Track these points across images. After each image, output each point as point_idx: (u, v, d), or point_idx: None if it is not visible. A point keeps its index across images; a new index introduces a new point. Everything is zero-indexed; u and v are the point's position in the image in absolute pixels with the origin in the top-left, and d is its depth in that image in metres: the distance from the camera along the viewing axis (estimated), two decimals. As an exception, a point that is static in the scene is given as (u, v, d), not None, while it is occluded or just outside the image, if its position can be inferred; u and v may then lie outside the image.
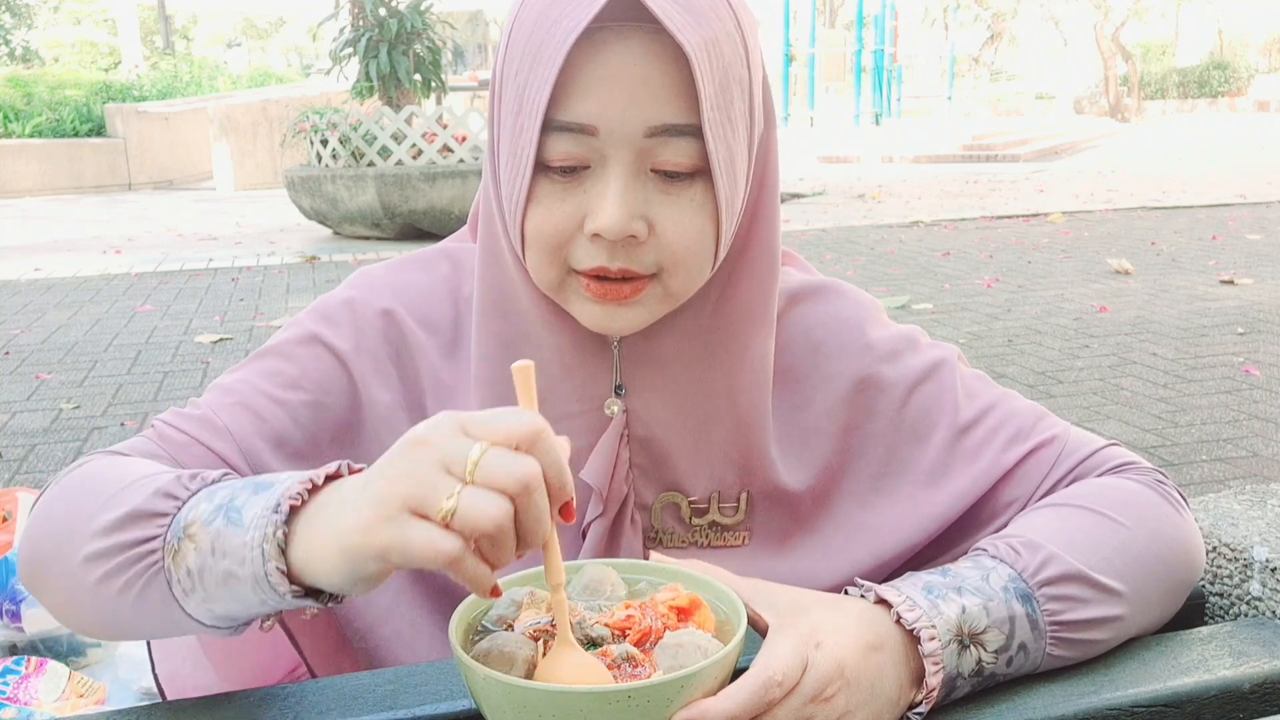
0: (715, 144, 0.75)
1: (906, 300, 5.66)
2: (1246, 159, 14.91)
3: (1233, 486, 1.55)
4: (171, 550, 0.68)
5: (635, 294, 0.79)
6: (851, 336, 0.92)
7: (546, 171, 0.77)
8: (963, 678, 0.73)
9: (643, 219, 0.76)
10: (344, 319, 0.90)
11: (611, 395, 0.87)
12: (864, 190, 11.90)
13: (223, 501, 0.67)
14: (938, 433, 0.90)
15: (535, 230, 0.78)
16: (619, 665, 0.64)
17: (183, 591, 0.69)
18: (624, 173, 0.75)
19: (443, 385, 0.90)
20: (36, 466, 3.45)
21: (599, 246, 0.77)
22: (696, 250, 0.78)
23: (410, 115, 8.41)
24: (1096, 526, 0.81)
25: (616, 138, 0.75)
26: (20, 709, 1.47)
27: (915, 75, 31.60)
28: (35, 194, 14.32)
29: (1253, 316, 5.10)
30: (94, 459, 0.80)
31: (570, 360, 0.86)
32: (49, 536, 0.75)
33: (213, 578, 0.66)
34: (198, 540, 0.67)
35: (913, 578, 0.76)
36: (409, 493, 0.58)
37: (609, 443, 0.86)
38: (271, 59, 38.21)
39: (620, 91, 0.73)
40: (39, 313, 6.04)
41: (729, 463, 0.89)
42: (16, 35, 30.11)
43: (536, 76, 0.74)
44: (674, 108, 0.74)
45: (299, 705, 0.74)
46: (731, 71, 0.75)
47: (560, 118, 0.75)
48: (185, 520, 0.68)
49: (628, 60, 0.73)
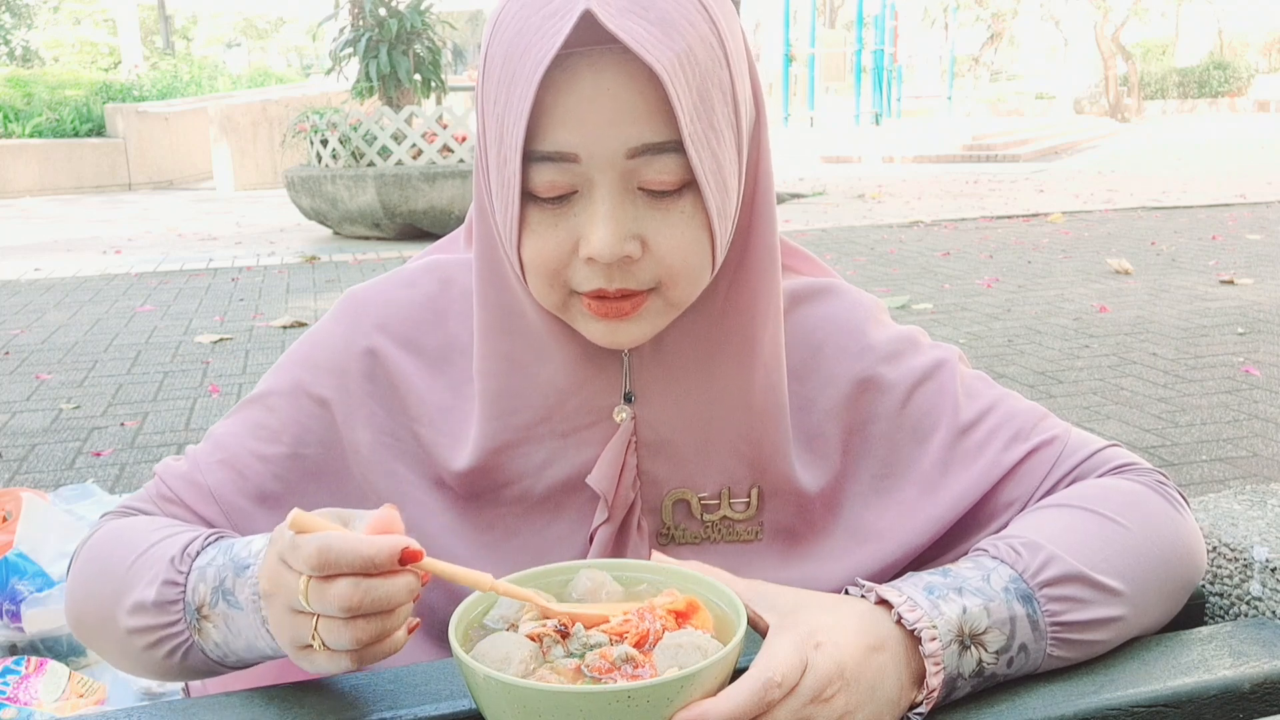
0: (700, 158, 0.74)
1: (906, 300, 5.66)
2: (1246, 159, 14.91)
3: (1233, 486, 1.55)
4: (195, 629, 0.79)
5: (636, 309, 0.79)
6: (852, 337, 0.92)
7: (535, 200, 0.77)
8: (963, 678, 0.73)
9: (635, 238, 0.76)
10: (325, 363, 0.91)
11: (621, 403, 0.87)
12: (864, 190, 11.90)
13: (215, 585, 0.77)
14: (938, 433, 0.90)
15: (532, 258, 0.78)
16: (619, 666, 0.64)
17: (219, 655, 0.80)
18: (610, 195, 0.75)
19: (437, 405, 0.90)
20: (36, 466, 3.45)
21: (595, 269, 0.77)
22: (693, 261, 0.78)
23: (410, 115, 8.41)
24: (1097, 527, 0.81)
25: (598, 162, 0.74)
26: (20, 709, 1.47)
27: (915, 75, 31.63)
28: (35, 194, 14.32)
29: (1253, 316, 5.10)
30: (108, 524, 0.90)
31: (580, 374, 0.86)
32: (89, 610, 0.87)
33: (239, 645, 0.77)
34: (213, 620, 0.77)
35: (914, 578, 0.76)
36: (290, 639, 0.70)
37: (615, 450, 0.87)
38: (271, 59, 38.23)
39: (597, 116, 0.73)
40: (39, 313, 6.04)
41: (740, 459, 0.89)
42: (16, 35, 30.11)
43: (512, 109, 0.74)
44: (652, 127, 0.73)
45: (299, 705, 0.74)
46: (711, 77, 0.74)
47: (541, 148, 0.74)
48: (194, 604, 0.78)
49: (601, 84, 0.72)
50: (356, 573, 0.65)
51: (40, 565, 1.78)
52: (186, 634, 0.79)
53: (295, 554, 0.66)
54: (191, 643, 0.79)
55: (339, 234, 9.00)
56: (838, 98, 22.89)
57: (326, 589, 0.65)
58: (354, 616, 0.66)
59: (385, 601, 0.66)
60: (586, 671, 0.65)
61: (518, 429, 0.87)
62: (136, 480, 3.30)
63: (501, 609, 0.71)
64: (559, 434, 0.87)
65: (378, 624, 0.67)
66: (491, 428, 0.87)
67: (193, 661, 0.81)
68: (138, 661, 0.84)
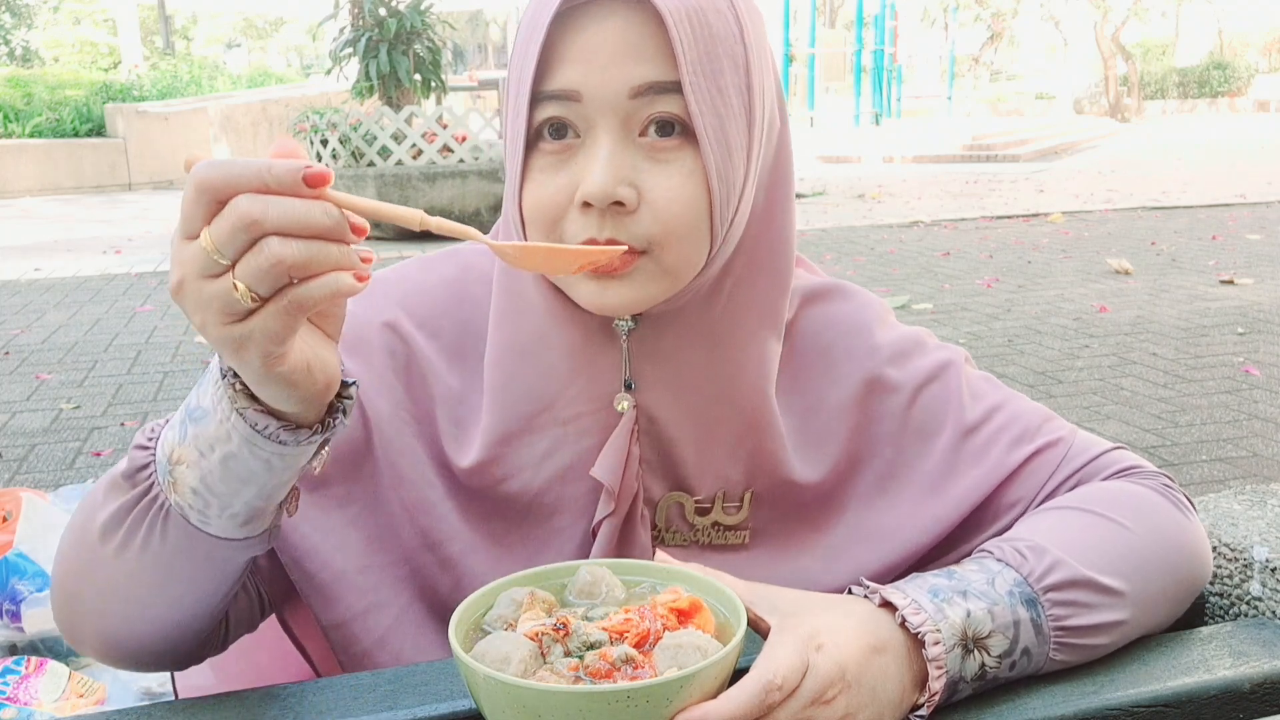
0: (699, 106, 0.75)
1: (906, 300, 5.66)
2: (1246, 159, 14.91)
3: (1233, 486, 1.55)
4: (170, 485, 0.71)
5: (625, 265, 0.77)
6: (859, 339, 0.92)
7: (539, 147, 0.78)
8: (965, 681, 0.72)
9: (631, 185, 0.76)
10: (344, 336, 0.88)
11: (621, 391, 0.86)
12: (864, 190, 11.90)
13: (182, 417, 0.70)
14: (943, 434, 0.90)
15: (531, 206, 0.78)
16: (619, 667, 0.64)
17: (199, 515, 0.71)
18: (610, 139, 0.76)
19: (451, 391, 0.89)
20: (36, 466, 3.45)
21: (589, 217, 0.76)
22: (688, 219, 0.77)
23: (410, 115, 8.41)
24: (1103, 531, 0.81)
25: (600, 102, 0.75)
26: (20, 709, 1.48)
27: (915, 75, 31.61)
28: (35, 194, 14.32)
29: (1253, 316, 5.10)
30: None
31: (579, 359, 0.85)
32: (67, 549, 0.79)
33: (215, 476, 0.69)
34: (185, 458, 0.69)
35: (918, 579, 0.76)
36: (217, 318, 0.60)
37: (620, 439, 0.86)
38: (271, 59, 38.23)
39: (601, 55, 0.75)
40: (39, 313, 6.04)
41: (735, 459, 0.88)
42: (16, 35, 30.11)
43: (526, 56, 0.77)
44: (656, 66, 0.75)
45: (299, 705, 0.74)
46: (721, 44, 0.76)
47: (546, 88, 0.76)
48: (164, 455, 0.71)
49: (608, 25, 0.75)
50: (252, 188, 0.57)
51: (40, 565, 1.78)
52: (160, 497, 0.71)
53: (187, 191, 0.58)
54: (165, 508, 0.71)
55: (339, 234, 8.99)
56: (837, 98, 22.90)
57: (224, 214, 0.57)
58: (264, 235, 0.57)
59: (298, 219, 0.57)
60: (584, 674, 0.65)
61: (521, 419, 0.86)
62: (136, 480, 3.30)
63: (501, 609, 0.71)
64: (560, 421, 0.86)
65: (296, 247, 0.57)
66: (496, 419, 0.86)
67: (170, 547, 0.72)
68: (114, 591, 0.76)
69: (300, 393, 0.65)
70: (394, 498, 0.87)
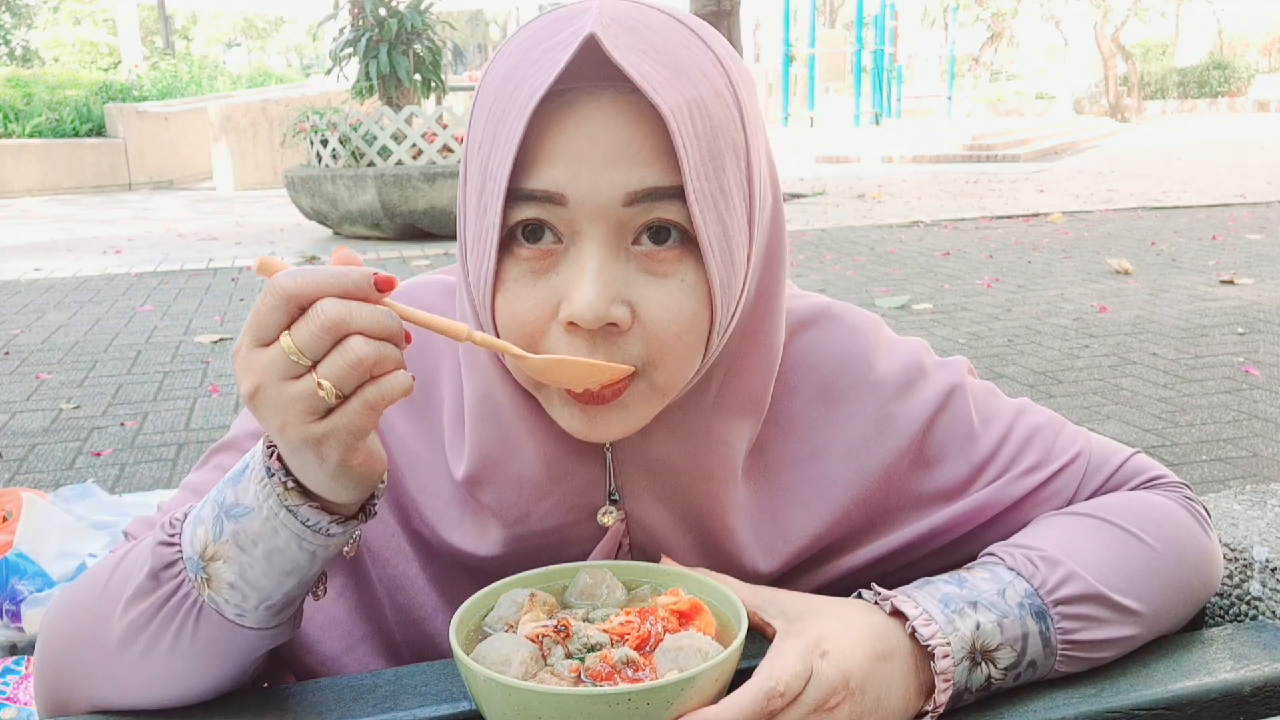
0: (704, 217, 0.66)
1: (906, 300, 5.66)
2: (1246, 159, 14.91)
3: (1233, 486, 1.55)
4: (203, 582, 0.69)
5: (617, 395, 0.69)
6: (859, 374, 0.85)
7: (514, 252, 0.69)
8: (970, 691, 0.72)
9: (624, 303, 0.67)
10: None
11: (606, 504, 0.79)
12: (864, 190, 11.90)
13: (214, 514, 0.69)
14: (955, 465, 0.85)
15: (507, 321, 0.69)
16: (619, 669, 0.64)
17: (235, 609, 0.70)
18: (600, 249, 0.67)
19: (407, 449, 0.83)
20: (36, 466, 3.45)
21: (577, 339, 0.67)
22: (687, 339, 0.69)
23: (410, 115, 8.41)
24: (1123, 545, 0.79)
25: (590, 208, 0.66)
26: (20, 709, 1.47)
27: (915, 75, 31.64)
28: (35, 194, 14.32)
29: (1253, 316, 5.10)
30: (64, 591, 0.80)
31: (558, 469, 0.77)
32: (68, 648, 0.75)
33: (258, 570, 0.68)
34: (222, 554, 0.68)
35: (928, 585, 0.75)
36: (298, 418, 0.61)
37: (604, 554, 0.80)
38: (271, 59, 38.24)
39: (592, 156, 0.65)
40: (39, 313, 6.04)
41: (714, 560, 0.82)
42: (16, 35, 30.11)
43: (499, 147, 0.67)
44: (655, 170, 0.66)
45: (299, 705, 0.74)
46: (723, 136, 0.67)
47: (525, 186, 0.66)
48: (194, 552, 0.69)
49: (599, 122, 0.65)
50: (334, 293, 0.60)
51: (40, 565, 1.78)
52: (193, 594, 0.70)
53: (267, 300, 0.60)
54: (199, 605, 0.70)
55: (339, 234, 8.99)
56: (837, 98, 22.92)
57: (310, 317, 0.60)
58: (348, 335, 0.60)
59: (376, 322, 0.60)
60: (585, 676, 0.65)
61: (496, 527, 0.80)
62: (136, 480, 3.30)
63: (501, 610, 0.71)
64: (538, 534, 0.80)
65: (374, 347, 0.60)
66: (472, 529, 0.81)
67: (201, 640, 0.70)
68: (129, 682, 0.73)
69: (366, 482, 0.66)
70: (371, 572, 0.85)
